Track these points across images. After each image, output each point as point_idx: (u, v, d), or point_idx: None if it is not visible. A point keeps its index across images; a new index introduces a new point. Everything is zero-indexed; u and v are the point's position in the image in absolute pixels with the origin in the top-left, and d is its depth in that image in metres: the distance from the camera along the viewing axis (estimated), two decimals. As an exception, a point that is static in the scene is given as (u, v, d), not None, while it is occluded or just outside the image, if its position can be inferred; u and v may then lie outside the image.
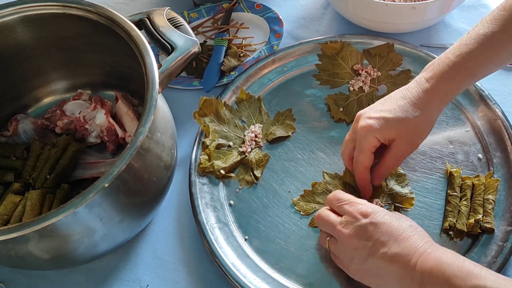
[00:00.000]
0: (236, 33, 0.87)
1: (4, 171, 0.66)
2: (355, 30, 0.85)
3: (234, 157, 0.70)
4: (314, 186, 0.68)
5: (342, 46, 0.80)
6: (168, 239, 0.66)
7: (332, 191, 0.66)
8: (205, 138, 0.71)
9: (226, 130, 0.72)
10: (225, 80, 0.79)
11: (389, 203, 0.65)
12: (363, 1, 0.77)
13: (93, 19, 0.64)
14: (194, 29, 0.86)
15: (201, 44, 0.80)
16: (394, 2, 0.78)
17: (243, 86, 0.77)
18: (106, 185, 0.49)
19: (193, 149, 0.70)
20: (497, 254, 0.60)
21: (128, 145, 0.52)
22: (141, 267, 0.64)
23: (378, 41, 0.80)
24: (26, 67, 0.72)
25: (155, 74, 0.57)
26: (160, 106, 0.59)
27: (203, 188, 0.68)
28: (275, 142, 0.73)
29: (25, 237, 0.48)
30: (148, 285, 0.63)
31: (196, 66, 0.82)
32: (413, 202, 0.65)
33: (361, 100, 0.76)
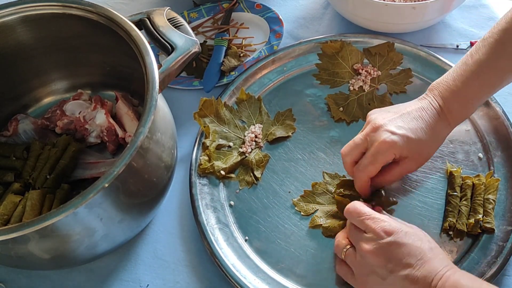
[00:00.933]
0: (236, 33, 0.87)
1: (4, 171, 0.66)
2: (355, 30, 0.84)
3: (234, 157, 0.70)
4: (314, 186, 0.68)
5: (342, 45, 0.80)
6: (168, 239, 0.66)
7: (332, 192, 0.67)
8: (205, 138, 0.70)
9: (226, 131, 0.72)
10: (225, 80, 0.79)
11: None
12: (363, 1, 0.77)
13: (93, 19, 0.64)
14: (194, 29, 0.86)
15: (201, 44, 0.80)
16: (394, 2, 0.78)
17: (243, 86, 0.77)
18: (106, 185, 0.49)
19: (193, 149, 0.70)
20: (497, 254, 0.60)
21: (128, 145, 0.52)
22: (141, 267, 0.64)
23: (378, 40, 0.80)
24: (26, 67, 0.72)
25: (155, 74, 0.57)
26: (160, 106, 0.59)
27: (204, 189, 0.68)
28: (275, 142, 0.73)
29: (25, 237, 0.48)
30: (148, 285, 0.63)
31: (196, 66, 0.82)
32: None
33: (361, 99, 0.76)
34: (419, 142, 0.59)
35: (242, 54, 0.83)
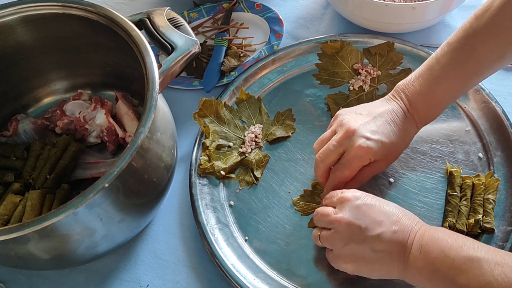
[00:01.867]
0: (236, 33, 0.87)
1: (4, 171, 0.66)
2: (355, 30, 0.84)
3: (234, 157, 0.70)
4: (314, 186, 0.68)
5: (342, 45, 0.80)
6: (168, 239, 0.66)
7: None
8: (205, 139, 0.70)
9: (226, 131, 0.72)
10: (225, 80, 0.79)
11: None
12: (363, 1, 0.77)
13: (93, 19, 0.64)
14: (194, 29, 0.86)
15: (201, 44, 0.80)
16: (394, 2, 0.78)
17: (243, 86, 0.77)
18: (106, 185, 0.49)
19: (193, 150, 0.70)
20: (497, 254, 0.60)
21: (128, 145, 0.52)
22: (141, 267, 0.64)
23: (378, 40, 0.80)
24: (26, 67, 0.72)
25: (155, 74, 0.57)
26: (160, 106, 0.59)
27: (204, 189, 0.68)
28: (275, 142, 0.73)
29: (25, 237, 0.48)
30: (148, 285, 0.63)
31: (196, 66, 0.82)
32: None
33: (361, 99, 0.76)
34: (391, 145, 0.61)
35: (242, 54, 0.83)
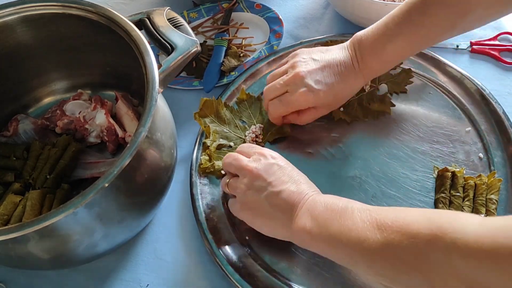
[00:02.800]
0: (236, 33, 0.87)
1: (4, 171, 0.66)
2: (355, 30, 0.84)
3: None
4: None
5: (342, 46, 0.79)
6: (168, 239, 0.66)
7: None
8: (205, 138, 0.70)
9: (227, 131, 0.72)
10: (225, 80, 0.79)
11: None
12: (363, 1, 0.77)
13: (93, 19, 0.64)
14: (194, 29, 0.87)
15: (201, 44, 0.80)
16: (394, 2, 0.78)
17: (244, 86, 0.77)
18: (106, 185, 0.49)
19: (193, 150, 0.70)
20: (497, 254, 0.60)
21: (128, 145, 0.52)
22: (141, 267, 0.64)
23: (378, 41, 0.80)
24: (26, 67, 0.72)
25: (155, 74, 0.57)
26: (160, 106, 0.59)
27: (204, 189, 0.68)
28: (276, 142, 0.73)
29: (25, 237, 0.48)
30: (148, 285, 0.63)
31: (196, 66, 0.82)
32: None
33: (361, 99, 0.76)
34: (334, 95, 0.67)
35: (242, 54, 0.83)
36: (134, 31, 0.61)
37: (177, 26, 0.66)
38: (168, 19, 0.66)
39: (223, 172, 0.68)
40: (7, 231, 0.47)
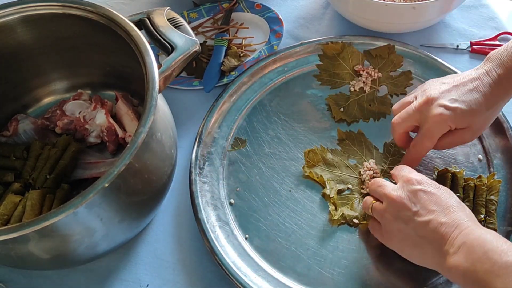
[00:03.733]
0: (236, 33, 0.87)
1: (4, 171, 0.66)
2: (355, 30, 0.85)
3: (359, 200, 0.67)
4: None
5: (343, 46, 0.80)
6: (168, 239, 0.66)
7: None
8: (323, 189, 0.68)
9: (340, 174, 0.69)
10: (225, 80, 0.79)
11: None
12: (363, 1, 0.77)
13: (93, 19, 0.64)
14: (194, 29, 0.86)
15: (201, 44, 0.80)
16: (394, 2, 0.78)
17: (244, 86, 0.77)
18: (106, 185, 0.49)
19: (193, 149, 0.70)
20: (497, 254, 0.60)
21: (128, 145, 0.52)
22: (141, 267, 0.64)
23: (379, 42, 0.80)
24: (26, 67, 0.72)
25: (155, 74, 0.57)
26: (160, 106, 0.59)
27: (204, 186, 0.68)
28: (276, 142, 0.73)
29: (25, 237, 0.48)
30: (148, 285, 0.63)
31: (196, 66, 0.82)
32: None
33: (361, 100, 0.76)
34: (474, 114, 0.59)
35: (242, 54, 0.83)
36: (134, 31, 0.61)
37: (177, 26, 0.66)
38: (168, 19, 0.66)
39: (356, 221, 0.65)
40: (7, 231, 0.47)
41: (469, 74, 0.62)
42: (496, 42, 0.83)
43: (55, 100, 0.77)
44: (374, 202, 0.59)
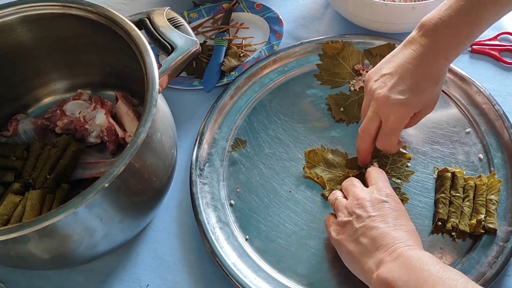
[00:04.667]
0: (236, 33, 0.87)
1: (4, 171, 0.66)
2: (355, 30, 0.84)
3: None
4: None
5: (343, 46, 0.80)
6: (168, 239, 0.66)
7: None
8: (324, 190, 0.68)
9: (341, 175, 0.69)
10: (225, 80, 0.79)
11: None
12: (363, 1, 0.77)
13: (93, 19, 0.64)
14: (194, 29, 0.86)
15: (201, 44, 0.79)
16: (394, 2, 0.78)
17: (244, 86, 0.77)
18: (106, 185, 0.49)
19: (193, 149, 0.70)
20: (498, 255, 0.60)
21: (128, 145, 0.52)
22: (141, 267, 0.64)
23: (379, 41, 0.80)
24: (26, 67, 0.72)
25: (155, 74, 0.57)
26: (160, 106, 0.59)
27: (204, 187, 0.68)
28: (276, 142, 0.73)
29: (25, 237, 0.48)
30: (148, 285, 0.63)
31: (196, 66, 0.82)
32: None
33: (362, 100, 0.75)
34: (426, 94, 0.62)
35: (242, 54, 0.83)
36: (134, 31, 0.61)
37: (177, 26, 0.66)
38: (168, 19, 0.66)
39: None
40: (7, 231, 0.47)
41: (402, 54, 0.62)
42: (496, 42, 0.83)
43: (55, 100, 0.77)
44: (341, 197, 0.60)
